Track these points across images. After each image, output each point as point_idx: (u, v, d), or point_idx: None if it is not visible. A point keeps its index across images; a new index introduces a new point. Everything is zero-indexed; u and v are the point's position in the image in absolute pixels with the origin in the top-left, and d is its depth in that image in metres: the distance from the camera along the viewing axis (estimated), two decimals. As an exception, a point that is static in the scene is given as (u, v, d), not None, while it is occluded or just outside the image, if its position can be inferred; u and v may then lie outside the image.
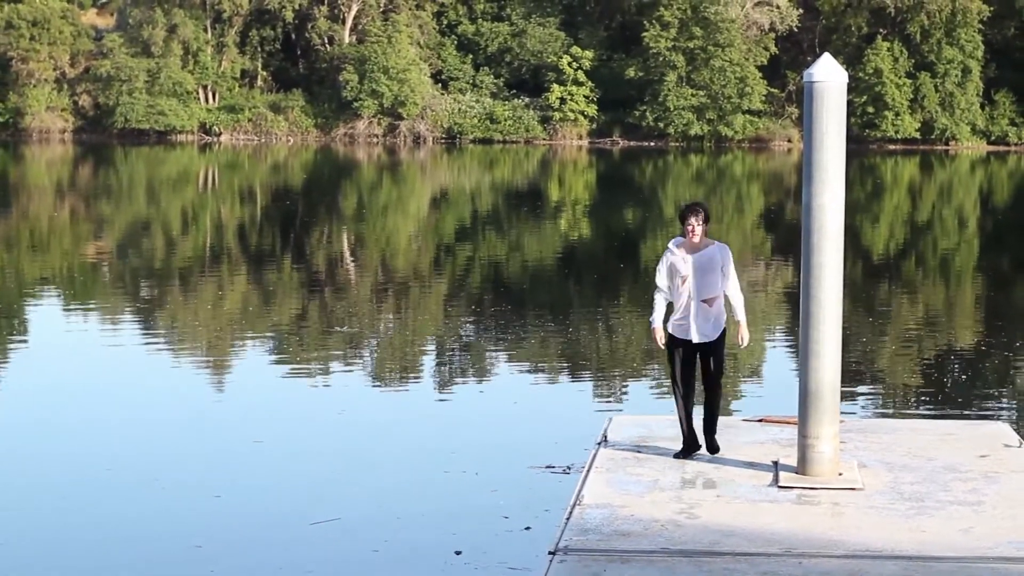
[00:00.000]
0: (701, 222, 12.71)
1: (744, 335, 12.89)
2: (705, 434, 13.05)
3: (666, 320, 13.00)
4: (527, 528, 12.82)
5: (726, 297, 12.90)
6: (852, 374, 20.20)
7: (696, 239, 12.77)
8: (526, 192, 64.20)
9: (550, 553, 10.27)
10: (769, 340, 24.95)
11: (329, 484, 14.60)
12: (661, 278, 12.91)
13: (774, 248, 41.84)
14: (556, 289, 32.51)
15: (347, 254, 39.57)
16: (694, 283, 12.73)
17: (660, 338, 12.90)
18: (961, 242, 44.95)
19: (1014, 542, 10.45)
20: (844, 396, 13.99)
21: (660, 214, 52.99)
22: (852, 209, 31.18)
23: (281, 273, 34.57)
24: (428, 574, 11.78)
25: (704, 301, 12.73)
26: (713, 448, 13.02)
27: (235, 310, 28.16)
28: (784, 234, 43.86)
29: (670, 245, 12.93)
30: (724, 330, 12.92)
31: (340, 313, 27.75)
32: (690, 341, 12.80)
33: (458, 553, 12.19)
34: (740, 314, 12.88)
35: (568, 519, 11.06)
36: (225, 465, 15.44)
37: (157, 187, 64.27)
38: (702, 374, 12.94)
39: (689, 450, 13.01)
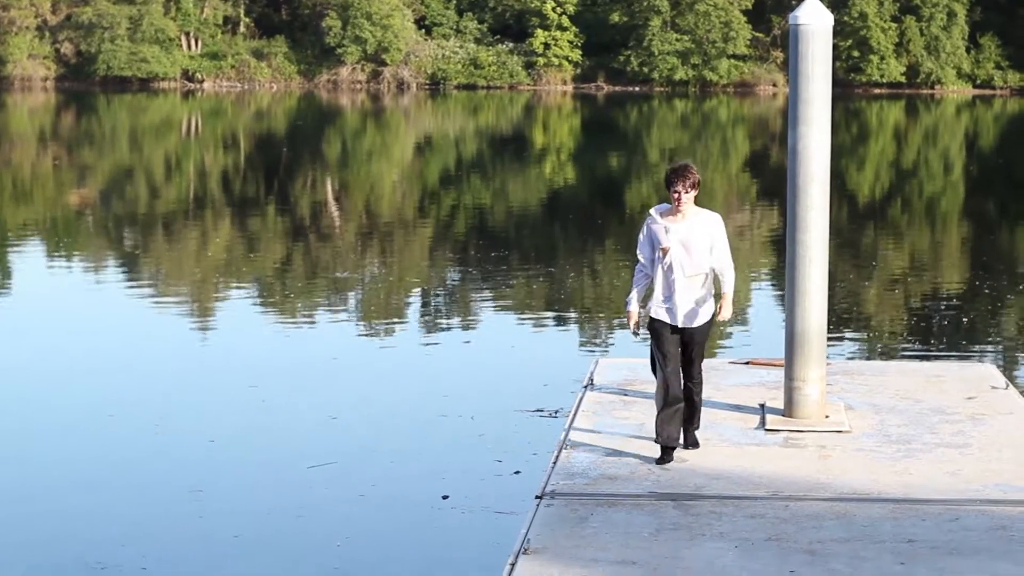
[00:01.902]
0: (689, 187, 10.95)
1: (727, 309, 11.23)
2: (684, 426, 11.31)
3: (647, 301, 11.35)
4: (517, 472, 12.86)
5: (715, 274, 11.26)
6: (839, 317, 20.24)
7: (683, 207, 11.03)
8: (511, 138, 64.01)
9: (537, 497, 10.26)
10: (755, 283, 24.98)
11: (322, 429, 14.63)
12: (642, 250, 11.25)
13: (760, 192, 41.80)
14: (541, 234, 32.48)
15: (334, 201, 39.47)
16: (678, 257, 11.05)
17: (634, 323, 11.36)
18: (947, 186, 44.96)
19: (1001, 484, 10.47)
20: (831, 338, 14.01)
21: (644, 159, 52.90)
22: (838, 153, 31.04)
23: (269, 220, 34.47)
24: (415, 518, 11.82)
25: (689, 279, 11.08)
26: (691, 443, 11.39)
27: (226, 257, 28.09)
28: (770, 178, 43.82)
29: (652, 212, 11.23)
30: (712, 317, 11.30)
31: (332, 260, 27.70)
32: (675, 325, 11.14)
33: (445, 497, 12.23)
34: (728, 287, 11.24)
35: (555, 463, 11.05)
36: (221, 411, 15.46)
37: (141, 135, 63.95)
38: (681, 362, 11.24)
39: (668, 457, 11.10)
